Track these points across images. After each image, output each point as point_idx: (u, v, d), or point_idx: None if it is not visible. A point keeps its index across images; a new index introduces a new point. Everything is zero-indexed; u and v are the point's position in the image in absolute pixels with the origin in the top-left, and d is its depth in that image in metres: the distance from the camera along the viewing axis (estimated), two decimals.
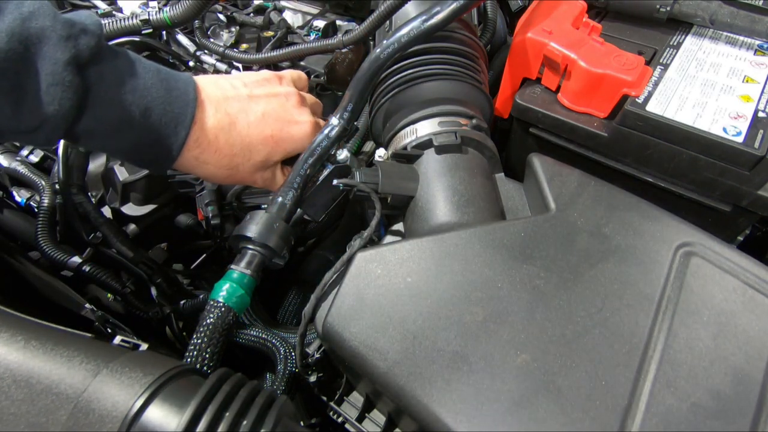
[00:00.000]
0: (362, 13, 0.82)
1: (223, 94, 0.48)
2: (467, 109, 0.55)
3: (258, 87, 0.51)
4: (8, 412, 0.29)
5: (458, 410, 0.35)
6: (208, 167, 0.48)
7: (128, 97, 0.41)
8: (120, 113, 0.41)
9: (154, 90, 0.43)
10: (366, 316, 0.40)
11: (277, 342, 0.60)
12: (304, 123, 0.51)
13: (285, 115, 0.50)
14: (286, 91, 0.52)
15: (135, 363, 0.33)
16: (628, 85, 0.52)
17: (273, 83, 0.52)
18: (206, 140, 0.46)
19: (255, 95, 0.50)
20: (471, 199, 0.48)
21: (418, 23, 0.48)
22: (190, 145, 0.45)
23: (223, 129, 0.47)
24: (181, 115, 0.44)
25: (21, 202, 0.74)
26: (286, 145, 0.51)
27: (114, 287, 0.68)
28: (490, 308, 0.39)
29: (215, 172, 0.48)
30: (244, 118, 0.48)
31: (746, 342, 0.37)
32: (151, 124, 0.43)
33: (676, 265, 0.41)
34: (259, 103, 0.49)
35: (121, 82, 0.41)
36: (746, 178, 0.48)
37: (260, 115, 0.49)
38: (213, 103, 0.47)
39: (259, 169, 0.51)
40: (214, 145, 0.47)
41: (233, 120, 0.47)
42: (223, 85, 0.49)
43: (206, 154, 0.47)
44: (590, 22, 0.59)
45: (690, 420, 0.34)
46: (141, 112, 0.42)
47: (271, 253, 0.47)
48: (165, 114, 0.43)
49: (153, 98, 0.42)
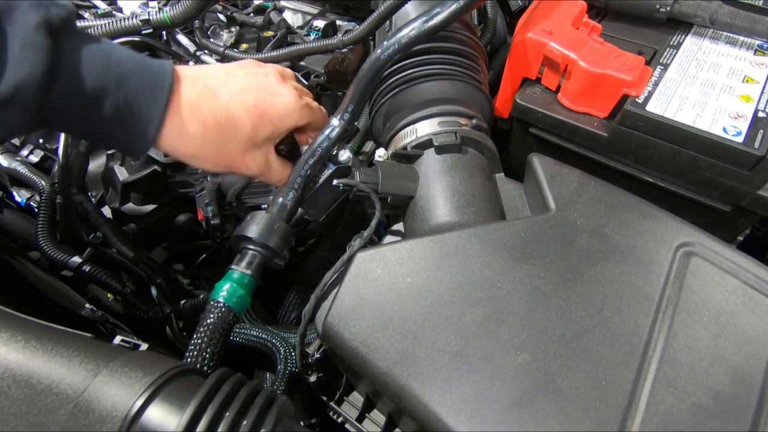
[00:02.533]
0: (362, 13, 0.82)
1: (200, 72, 0.47)
2: (467, 109, 0.55)
3: (235, 68, 0.50)
4: (8, 412, 0.29)
5: (458, 410, 0.35)
6: (194, 143, 0.45)
7: (102, 65, 0.40)
8: (95, 81, 0.39)
9: (129, 63, 0.41)
10: (366, 316, 0.40)
11: (277, 342, 0.60)
12: (286, 93, 0.49)
13: (266, 87, 0.49)
14: (264, 70, 0.51)
15: (135, 363, 0.33)
16: (628, 85, 0.52)
17: (252, 66, 0.52)
18: (188, 108, 0.44)
19: (232, 74, 0.49)
20: (471, 199, 0.48)
21: (419, 24, 0.48)
22: (170, 115, 0.43)
23: (204, 98, 0.45)
24: (158, 83, 0.42)
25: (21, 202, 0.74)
26: (271, 117, 0.49)
27: (114, 287, 0.68)
28: (490, 308, 0.39)
29: (202, 148, 0.46)
30: (225, 91, 0.46)
31: (746, 342, 0.37)
32: (127, 93, 0.41)
33: (676, 265, 0.41)
34: (237, 78, 0.48)
35: (95, 51, 0.40)
36: (746, 178, 0.48)
37: (240, 87, 0.47)
38: (190, 78, 0.45)
39: (249, 147, 0.49)
40: (197, 115, 0.44)
41: (213, 92, 0.46)
42: (200, 66, 0.48)
43: (189, 126, 0.44)
44: (590, 22, 0.59)
45: (690, 420, 0.34)
46: (116, 81, 0.40)
47: (271, 253, 0.47)
48: (142, 83, 0.41)
49: (128, 69, 0.41)
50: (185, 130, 0.44)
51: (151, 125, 0.43)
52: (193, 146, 0.46)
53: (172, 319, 0.71)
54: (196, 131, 0.45)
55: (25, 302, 0.59)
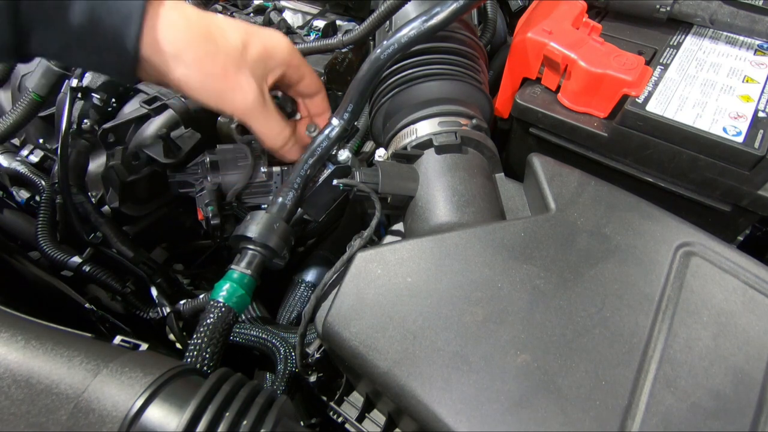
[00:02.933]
0: (362, 13, 0.82)
1: None
2: (467, 109, 0.55)
3: None
4: (8, 412, 0.29)
5: (458, 410, 0.35)
6: (177, 35, 0.40)
7: None
8: None
9: None
10: (366, 316, 0.40)
11: (277, 342, 0.60)
12: (278, 34, 0.47)
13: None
14: None
15: (135, 363, 0.33)
16: (628, 85, 0.52)
17: None
18: (169, 7, 0.39)
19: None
20: (471, 199, 0.48)
21: (419, 23, 0.48)
22: (150, 13, 0.38)
23: (184, 8, 0.41)
24: None
25: (21, 202, 0.74)
26: (263, 39, 0.45)
27: (114, 287, 0.68)
28: (490, 308, 0.39)
29: (186, 47, 0.41)
30: (206, 12, 0.43)
31: (746, 342, 0.37)
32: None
33: (676, 265, 0.41)
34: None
35: None
36: (746, 178, 0.48)
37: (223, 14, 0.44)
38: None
39: (241, 63, 0.43)
40: (180, 9, 0.40)
41: (195, 10, 0.42)
42: None
43: (172, 15, 0.39)
44: (590, 22, 0.59)
45: (690, 420, 0.34)
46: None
47: (271, 253, 0.47)
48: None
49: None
50: (167, 21, 0.39)
51: (130, 39, 0.38)
52: (175, 42, 0.40)
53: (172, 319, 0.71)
54: (180, 22, 0.40)
55: (25, 302, 0.59)
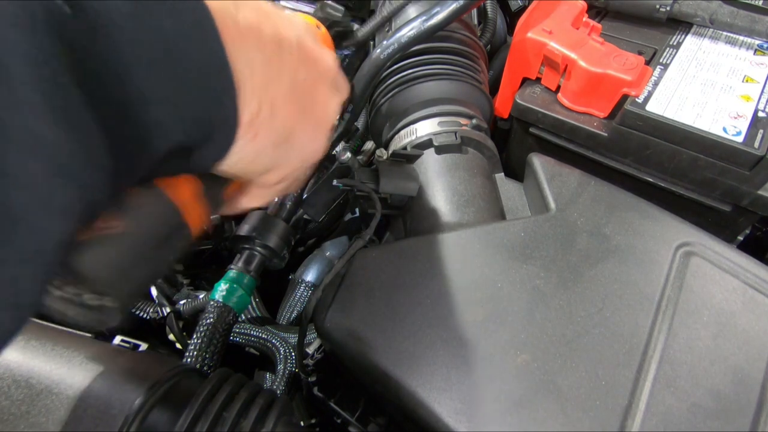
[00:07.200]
0: (362, 13, 0.82)
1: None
2: (467, 109, 0.55)
3: None
4: (8, 412, 0.29)
5: (458, 410, 0.35)
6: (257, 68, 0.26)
7: None
8: None
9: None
10: (366, 316, 0.40)
11: (277, 342, 0.60)
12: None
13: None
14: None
15: (135, 363, 0.33)
16: (628, 85, 0.52)
17: None
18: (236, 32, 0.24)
19: None
20: (471, 199, 0.48)
21: (418, 23, 0.48)
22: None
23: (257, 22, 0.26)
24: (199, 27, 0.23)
25: None
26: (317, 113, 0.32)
27: None
28: (490, 308, 0.39)
29: (272, 77, 0.27)
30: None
31: (746, 342, 0.37)
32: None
33: (676, 265, 0.41)
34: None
35: None
36: (746, 178, 0.48)
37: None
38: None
39: (325, 79, 0.32)
40: (252, 35, 0.24)
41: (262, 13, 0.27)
42: None
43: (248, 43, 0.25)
44: (590, 22, 0.59)
45: (690, 420, 0.34)
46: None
47: (271, 253, 0.47)
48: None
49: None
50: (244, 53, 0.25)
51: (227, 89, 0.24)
52: (260, 72, 0.26)
53: (171, 319, 0.71)
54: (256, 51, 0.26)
55: None
